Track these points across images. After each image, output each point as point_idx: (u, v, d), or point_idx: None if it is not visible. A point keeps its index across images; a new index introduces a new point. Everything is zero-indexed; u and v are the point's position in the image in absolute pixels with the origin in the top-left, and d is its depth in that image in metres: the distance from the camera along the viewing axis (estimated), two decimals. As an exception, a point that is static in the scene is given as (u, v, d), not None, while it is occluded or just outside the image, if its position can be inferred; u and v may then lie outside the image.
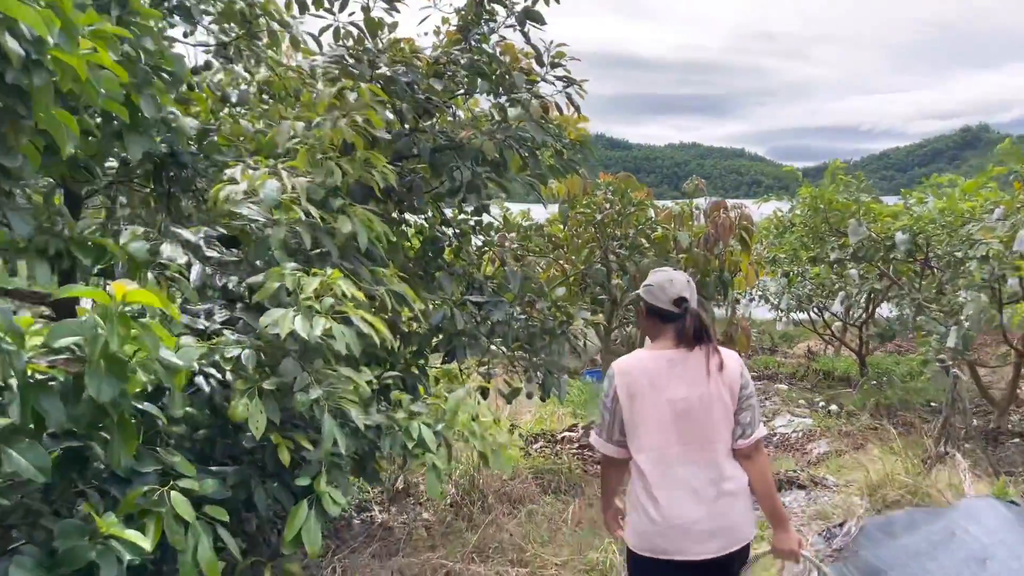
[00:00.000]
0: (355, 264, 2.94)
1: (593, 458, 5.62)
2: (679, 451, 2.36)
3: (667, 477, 2.35)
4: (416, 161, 4.00)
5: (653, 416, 2.36)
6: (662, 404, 2.36)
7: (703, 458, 2.37)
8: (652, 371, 2.40)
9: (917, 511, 3.14)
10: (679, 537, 2.33)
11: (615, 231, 4.95)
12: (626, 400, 2.39)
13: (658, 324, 2.48)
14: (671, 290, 2.45)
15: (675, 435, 2.36)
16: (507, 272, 4.19)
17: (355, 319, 2.19)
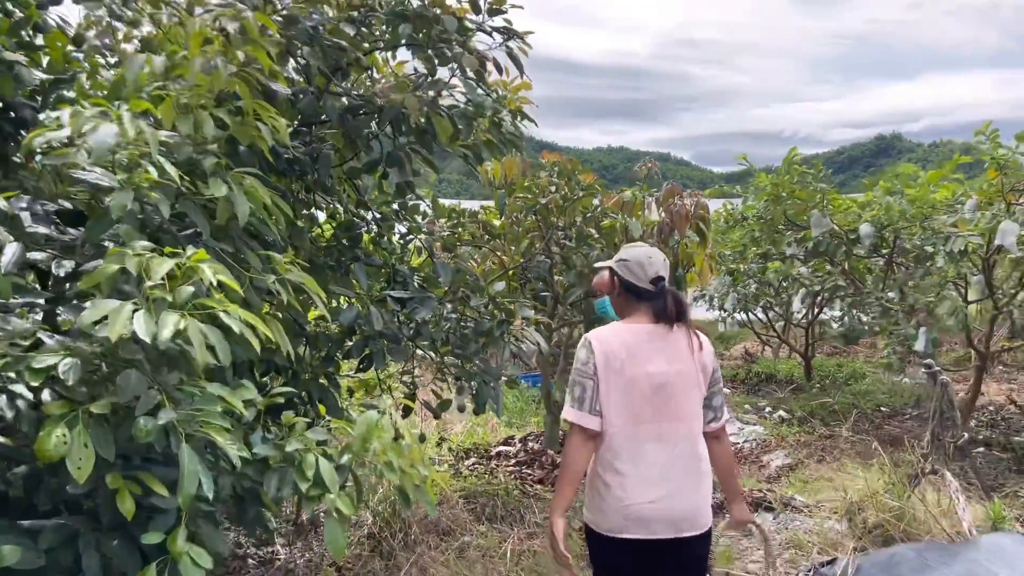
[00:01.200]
0: (240, 248, 2.41)
1: (532, 477, 5.17)
2: (652, 427, 2.38)
3: (638, 453, 2.36)
4: (325, 128, 3.47)
5: (628, 389, 2.36)
6: (640, 377, 2.36)
7: (676, 435, 2.40)
8: (631, 343, 2.40)
9: (927, 548, 2.79)
10: (647, 516, 2.34)
11: (559, 219, 4.50)
12: (603, 370, 2.36)
13: (632, 302, 2.50)
14: (650, 268, 2.46)
15: (649, 410, 2.37)
16: (436, 264, 3.68)
17: (225, 316, 1.67)
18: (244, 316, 1.72)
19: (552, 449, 5.62)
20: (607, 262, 2.66)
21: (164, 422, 1.60)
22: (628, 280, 2.49)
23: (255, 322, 1.74)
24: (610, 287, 2.60)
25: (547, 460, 5.38)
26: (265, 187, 2.23)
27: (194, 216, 2.10)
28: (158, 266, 1.64)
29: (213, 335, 1.63)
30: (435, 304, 3.48)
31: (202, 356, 1.59)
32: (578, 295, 4.69)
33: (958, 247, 4.95)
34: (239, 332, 1.69)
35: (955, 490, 3.56)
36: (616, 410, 2.36)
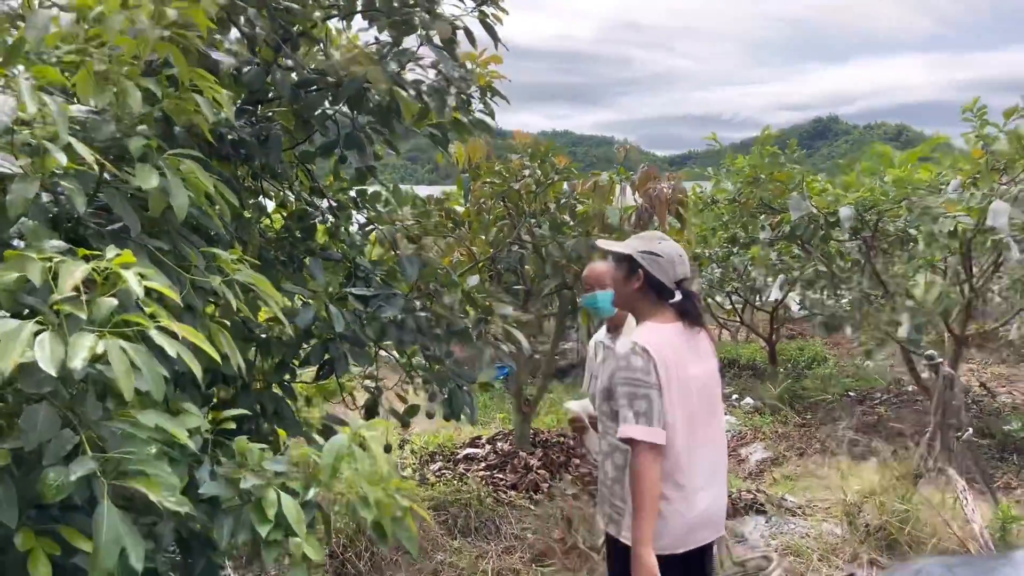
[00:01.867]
0: (180, 245, 2.09)
1: (504, 483, 4.90)
2: (702, 432, 2.31)
3: (693, 461, 2.29)
4: (273, 106, 3.14)
5: (685, 395, 2.27)
6: (689, 381, 2.29)
7: (717, 436, 2.40)
8: (675, 345, 2.30)
9: (956, 563, 2.59)
10: (702, 523, 2.31)
11: (531, 205, 4.22)
12: (665, 379, 2.22)
13: (653, 300, 2.38)
14: (680, 268, 2.37)
15: (699, 415, 2.31)
16: (401, 257, 3.37)
17: (157, 334, 1.35)
18: (183, 332, 1.41)
19: (524, 450, 5.36)
20: (617, 247, 2.45)
21: (81, 474, 1.28)
22: (656, 277, 2.34)
23: (196, 339, 1.43)
24: (624, 280, 2.40)
25: (519, 463, 5.12)
26: (207, 172, 1.90)
27: (120, 209, 1.77)
28: (69, 273, 1.32)
29: (140, 357, 1.32)
30: (402, 302, 3.17)
31: (126, 384, 1.27)
32: (551, 287, 4.42)
33: (947, 228, 4.81)
34: (175, 354, 1.37)
35: (962, 490, 3.39)
36: (682, 423, 2.25)
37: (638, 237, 2.46)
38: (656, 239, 2.42)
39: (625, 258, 2.39)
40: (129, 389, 1.25)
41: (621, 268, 2.41)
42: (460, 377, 3.29)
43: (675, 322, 2.33)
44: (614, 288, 2.48)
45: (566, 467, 5.25)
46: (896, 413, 7.80)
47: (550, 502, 4.57)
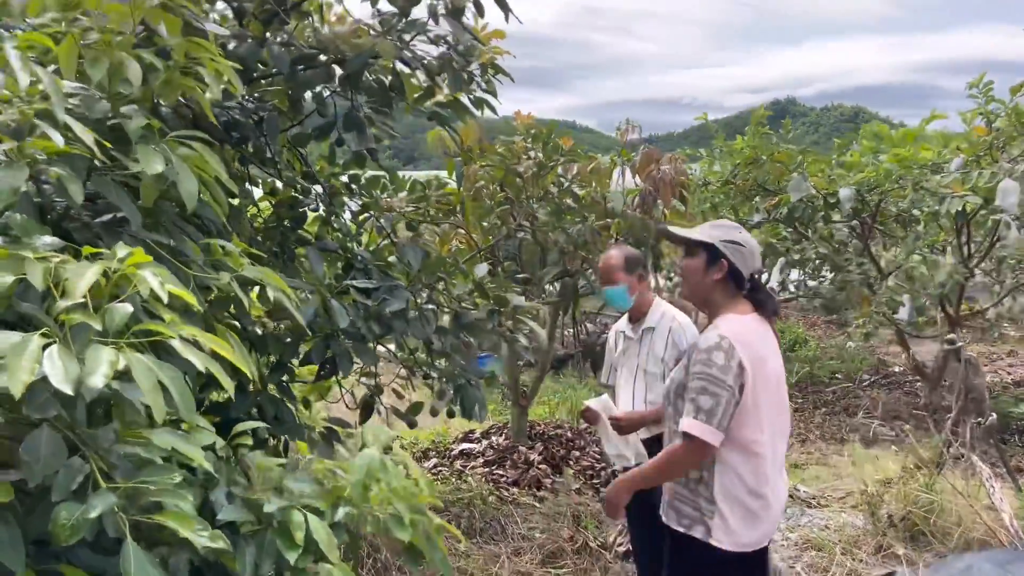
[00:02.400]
0: (176, 238, 1.91)
1: (505, 479, 4.76)
2: (776, 425, 2.29)
3: (776, 456, 2.29)
4: (263, 84, 2.94)
5: (766, 388, 2.22)
6: (770, 374, 2.25)
7: (784, 430, 2.39)
8: (760, 337, 2.26)
9: (1006, 558, 2.49)
10: (777, 517, 2.33)
11: (533, 190, 4.06)
12: (750, 374, 2.16)
13: (732, 291, 2.30)
14: (759, 259, 2.34)
15: (777, 409, 2.29)
16: (401, 246, 3.20)
17: (180, 345, 1.18)
18: (210, 342, 1.24)
19: (522, 445, 5.22)
20: (695, 235, 2.32)
21: (101, 511, 1.10)
22: (738, 267, 2.26)
23: (224, 350, 1.26)
24: (703, 270, 2.29)
25: (519, 458, 4.98)
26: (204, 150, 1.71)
27: (115, 198, 1.58)
28: (77, 276, 1.14)
29: (166, 373, 1.14)
30: (407, 294, 3.00)
31: (157, 405, 1.10)
32: (553, 275, 4.27)
33: (955, 208, 4.74)
34: (204, 368, 1.20)
35: (988, 477, 3.31)
36: (764, 416, 2.20)
37: (714, 226, 2.36)
38: (734, 228, 2.35)
39: (705, 247, 2.28)
40: (161, 410, 1.08)
41: (698, 257, 2.29)
42: (470, 373, 3.13)
43: (752, 313, 2.28)
44: (686, 277, 2.35)
45: (567, 460, 5.12)
46: (890, 395, 7.79)
47: (554, 498, 4.44)
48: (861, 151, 5.74)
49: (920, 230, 5.54)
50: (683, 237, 2.37)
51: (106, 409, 1.34)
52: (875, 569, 3.36)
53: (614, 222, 4.40)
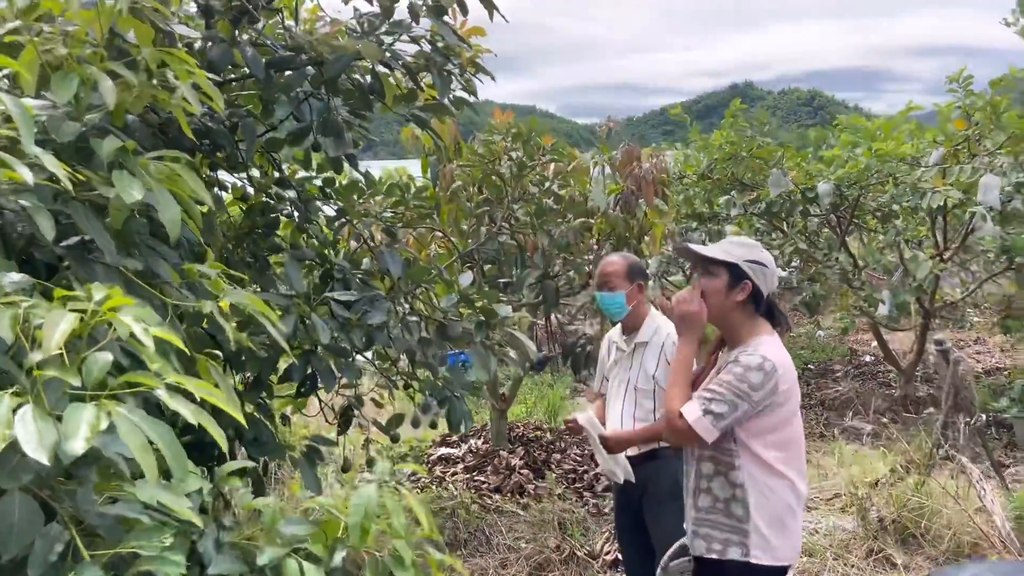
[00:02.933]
0: (150, 260, 1.80)
1: (487, 486, 4.68)
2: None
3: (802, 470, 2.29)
4: (235, 87, 2.82)
5: (799, 418, 2.27)
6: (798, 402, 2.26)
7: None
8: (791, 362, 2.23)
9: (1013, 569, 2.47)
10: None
11: (514, 190, 3.97)
12: (783, 400, 2.16)
13: (752, 311, 2.24)
14: (776, 279, 2.29)
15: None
16: (381, 254, 3.10)
17: (168, 397, 1.09)
18: (200, 390, 1.14)
19: (503, 449, 5.14)
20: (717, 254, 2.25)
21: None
22: (760, 288, 2.22)
23: (216, 399, 1.16)
24: (726, 291, 2.23)
25: (501, 463, 4.90)
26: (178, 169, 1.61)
27: (87, 226, 1.46)
28: (52, 324, 1.03)
29: (155, 429, 1.05)
30: (389, 305, 2.90)
31: (149, 465, 1.01)
32: (535, 278, 4.19)
33: (936, 203, 4.75)
34: (196, 422, 1.10)
35: (978, 479, 3.31)
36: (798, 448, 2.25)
37: (735, 243, 2.30)
38: (756, 246, 2.31)
39: (728, 266, 2.22)
40: (154, 472, 0.99)
41: (719, 277, 2.22)
42: (455, 385, 3.04)
43: (776, 335, 2.25)
44: (708, 298, 2.25)
45: (548, 464, 5.06)
46: (863, 386, 7.85)
47: (538, 505, 4.37)
48: (840, 144, 5.73)
49: (899, 225, 5.55)
50: (706, 256, 2.28)
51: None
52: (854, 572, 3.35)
53: (596, 221, 4.33)
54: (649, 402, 2.92)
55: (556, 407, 7.04)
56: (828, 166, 5.51)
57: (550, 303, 4.09)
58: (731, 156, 5.89)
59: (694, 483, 2.32)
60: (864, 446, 4.95)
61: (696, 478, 2.32)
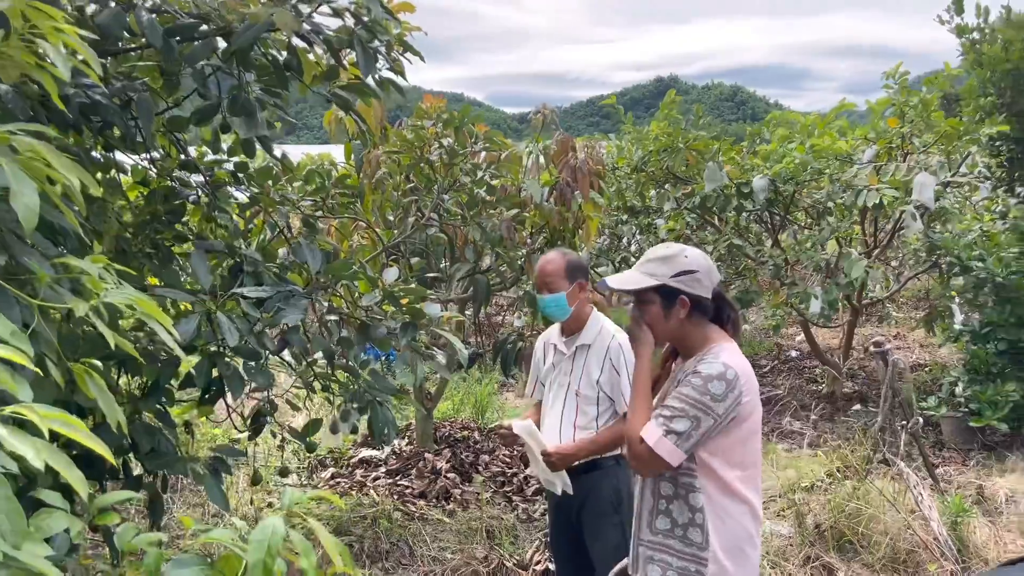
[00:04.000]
0: (18, 252, 1.57)
1: (412, 491, 4.49)
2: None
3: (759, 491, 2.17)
4: (132, 59, 2.55)
5: (760, 435, 2.12)
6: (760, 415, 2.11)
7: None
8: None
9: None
10: None
11: (445, 179, 3.76)
12: (747, 414, 2.01)
13: (700, 321, 2.09)
14: (715, 273, 2.11)
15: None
16: (299, 246, 2.87)
17: (7, 433, 0.88)
18: (50, 422, 0.93)
19: (428, 451, 4.95)
20: (635, 283, 2.09)
21: None
22: (700, 297, 2.05)
23: (75, 433, 0.95)
24: (664, 315, 2.07)
25: (426, 466, 4.71)
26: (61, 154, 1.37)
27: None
28: None
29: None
30: (305, 303, 2.68)
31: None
32: (464, 272, 4.01)
33: (872, 201, 4.75)
34: (40, 465, 0.89)
35: (915, 484, 3.29)
36: (755, 462, 2.10)
37: (655, 261, 2.10)
38: (676, 253, 2.09)
39: (655, 291, 2.06)
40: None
41: (654, 303, 2.07)
42: (379, 390, 2.84)
43: (732, 339, 2.09)
44: (651, 327, 2.09)
45: (475, 467, 4.89)
46: (791, 382, 7.94)
47: (465, 512, 4.20)
48: (776, 139, 5.72)
49: (832, 221, 5.58)
50: (629, 290, 2.11)
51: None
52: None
53: (530, 214, 4.17)
54: (593, 409, 2.76)
55: (484, 405, 6.88)
56: (764, 161, 5.49)
57: (480, 299, 3.92)
58: (667, 148, 5.81)
59: (651, 503, 2.15)
60: (799, 448, 4.93)
61: (654, 498, 2.14)
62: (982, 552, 3.37)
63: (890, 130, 5.42)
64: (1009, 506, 3.86)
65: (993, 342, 5.18)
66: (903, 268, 8.38)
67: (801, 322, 7.33)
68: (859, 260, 4.96)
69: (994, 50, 5.18)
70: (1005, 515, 3.79)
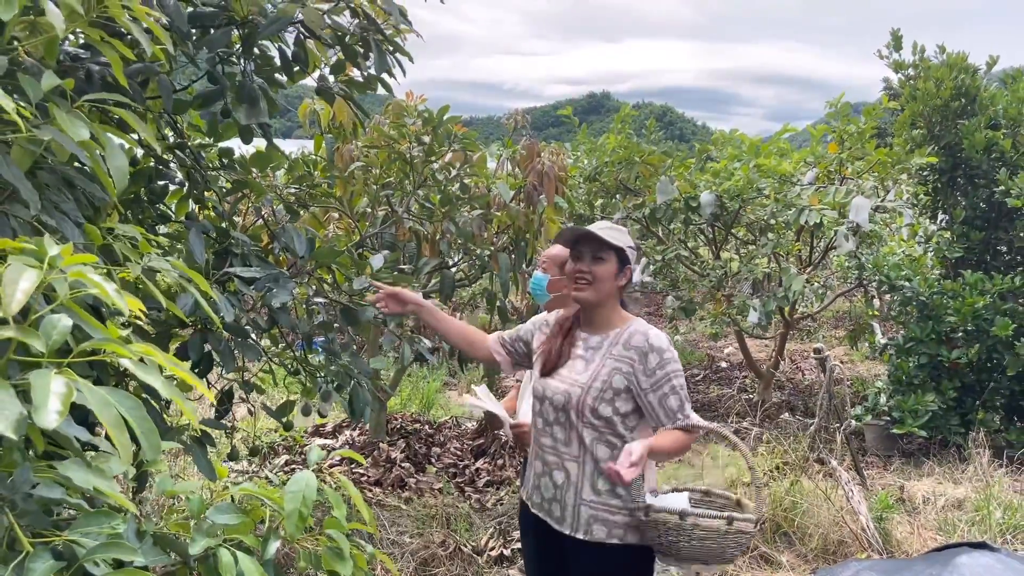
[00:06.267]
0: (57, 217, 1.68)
1: (367, 479, 4.57)
2: None
3: None
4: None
5: None
6: None
7: None
8: None
9: (886, 568, 2.63)
10: None
11: (422, 175, 3.87)
12: None
13: (619, 298, 2.38)
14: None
15: None
16: (279, 231, 2.97)
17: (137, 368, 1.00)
18: (164, 361, 1.05)
19: (382, 441, 5.04)
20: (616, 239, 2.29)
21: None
22: (632, 275, 2.30)
23: (178, 370, 1.07)
24: (615, 275, 2.30)
25: (381, 456, 4.80)
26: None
27: (9, 174, 1.31)
28: (10, 280, 0.92)
29: (125, 404, 0.96)
30: (293, 285, 2.77)
31: (123, 446, 0.92)
32: (432, 266, 4.13)
33: (813, 220, 5.06)
34: (167, 395, 1.02)
35: (847, 481, 3.55)
36: None
37: (612, 228, 2.31)
38: (624, 231, 2.36)
39: (616, 250, 2.28)
40: (128, 451, 0.89)
41: (610, 263, 2.28)
42: (359, 372, 2.94)
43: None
44: (601, 283, 2.27)
45: (428, 458, 5.00)
46: (723, 391, 8.26)
47: (420, 500, 4.32)
48: (727, 158, 6.00)
49: (772, 238, 5.88)
50: (604, 241, 2.29)
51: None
52: (745, 572, 3.52)
53: (500, 215, 4.32)
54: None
55: (431, 400, 6.99)
56: (714, 177, 5.76)
57: (447, 292, 4.05)
58: (622, 160, 6.04)
59: (591, 466, 2.27)
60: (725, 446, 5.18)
61: (593, 462, 2.26)
62: (903, 545, 3.66)
63: (829, 155, 5.78)
64: (926, 506, 4.17)
65: (915, 356, 5.55)
66: (827, 287, 8.81)
67: (736, 332, 7.66)
68: (799, 275, 5.26)
69: (927, 86, 5.57)
70: (922, 514, 4.10)
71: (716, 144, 6.63)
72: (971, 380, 5.54)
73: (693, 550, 2.11)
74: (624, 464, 1.99)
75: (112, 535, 1.04)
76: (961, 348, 5.41)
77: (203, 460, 2.60)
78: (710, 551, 2.12)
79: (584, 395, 2.26)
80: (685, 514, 2.09)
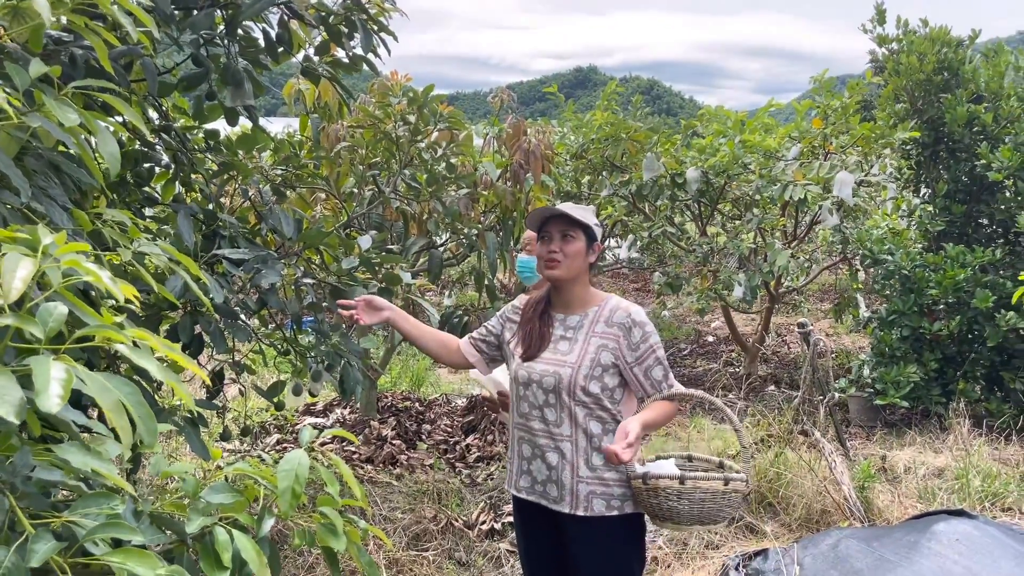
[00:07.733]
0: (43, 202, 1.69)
1: (359, 456, 4.61)
2: None
3: None
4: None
5: None
6: None
7: None
8: None
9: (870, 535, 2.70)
10: None
11: (409, 155, 3.87)
12: None
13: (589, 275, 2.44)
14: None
15: None
16: (266, 212, 2.98)
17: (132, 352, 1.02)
18: (161, 346, 1.07)
19: (373, 419, 5.08)
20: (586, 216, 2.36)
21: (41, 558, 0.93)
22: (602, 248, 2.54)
23: (175, 354, 1.09)
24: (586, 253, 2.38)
25: (372, 433, 4.84)
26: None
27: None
28: (8, 267, 0.93)
29: (123, 390, 0.98)
30: (282, 266, 2.79)
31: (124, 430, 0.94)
32: (420, 246, 4.14)
33: (797, 196, 5.09)
34: (162, 379, 1.04)
35: (830, 452, 3.61)
36: None
37: (579, 207, 2.39)
38: (591, 209, 2.48)
39: (584, 228, 2.34)
40: (128, 434, 0.91)
41: (580, 240, 2.35)
42: (349, 352, 2.97)
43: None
44: (572, 260, 2.33)
45: (419, 435, 5.05)
46: (709, 365, 8.35)
47: (412, 476, 4.36)
48: (713, 133, 6.02)
49: (758, 213, 5.92)
50: (572, 218, 2.34)
51: None
52: (731, 541, 3.59)
53: (487, 193, 4.33)
54: None
55: (421, 378, 7.03)
56: (700, 153, 5.78)
57: (435, 271, 4.06)
58: (609, 137, 6.04)
59: (584, 443, 2.31)
60: (725, 422, 5.25)
61: (586, 438, 2.31)
62: (885, 513, 3.74)
63: (813, 130, 5.81)
64: (907, 475, 4.25)
65: (898, 328, 5.63)
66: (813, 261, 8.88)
67: (723, 307, 7.73)
68: (784, 250, 5.31)
69: (910, 60, 5.59)
70: (904, 482, 4.18)
71: (702, 120, 6.65)
72: (952, 351, 5.62)
73: (692, 513, 2.16)
74: (621, 444, 2.05)
75: (111, 515, 1.06)
76: (942, 320, 5.49)
77: (197, 441, 2.63)
78: (708, 512, 2.17)
79: (575, 374, 2.29)
80: (684, 478, 2.15)
